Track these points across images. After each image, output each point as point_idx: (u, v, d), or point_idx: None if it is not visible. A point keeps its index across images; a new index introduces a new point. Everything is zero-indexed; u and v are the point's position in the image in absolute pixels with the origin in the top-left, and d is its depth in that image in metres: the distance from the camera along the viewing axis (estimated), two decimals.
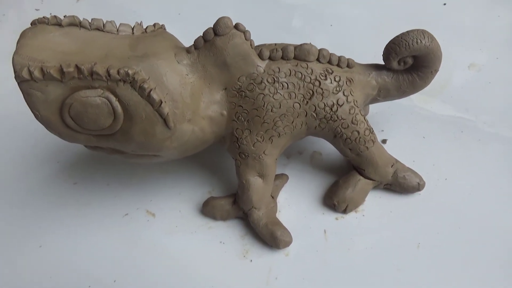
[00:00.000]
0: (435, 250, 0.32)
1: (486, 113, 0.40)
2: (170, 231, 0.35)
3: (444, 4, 0.53)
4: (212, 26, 0.28)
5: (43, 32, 0.27)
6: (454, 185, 0.35)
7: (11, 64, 0.25)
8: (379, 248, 0.32)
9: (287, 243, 0.32)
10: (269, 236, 0.32)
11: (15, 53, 0.25)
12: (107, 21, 0.28)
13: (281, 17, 0.55)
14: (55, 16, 0.27)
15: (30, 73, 0.25)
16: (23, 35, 0.26)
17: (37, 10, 0.60)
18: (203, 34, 0.28)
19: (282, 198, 0.36)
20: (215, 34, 0.28)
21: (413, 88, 0.34)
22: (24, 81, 0.25)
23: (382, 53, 0.32)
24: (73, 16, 0.27)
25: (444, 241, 0.32)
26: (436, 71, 0.33)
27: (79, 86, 0.26)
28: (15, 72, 0.25)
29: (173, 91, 0.27)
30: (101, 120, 0.27)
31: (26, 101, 0.26)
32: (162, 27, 0.31)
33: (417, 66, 0.32)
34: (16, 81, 0.25)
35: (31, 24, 0.27)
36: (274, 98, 0.30)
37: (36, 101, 0.26)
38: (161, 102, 0.27)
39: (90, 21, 0.28)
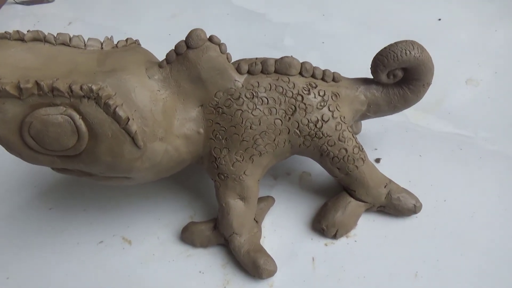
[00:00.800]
0: (435, 280, 0.29)
1: (486, 130, 0.38)
2: (147, 260, 0.32)
3: (439, 19, 0.52)
4: (184, 39, 0.27)
5: (4, 47, 0.25)
6: (454, 207, 0.32)
7: None
8: (373, 278, 0.29)
9: (271, 272, 0.29)
10: (251, 265, 0.29)
11: None
12: (73, 36, 0.27)
13: (273, 35, 0.53)
14: (17, 31, 0.26)
15: None
16: None
17: None
18: (175, 47, 0.27)
19: (268, 222, 0.33)
20: (188, 47, 0.26)
21: (405, 102, 0.31)
22: None
23: (370, 66, 0.30)
24: (37, 31, 0.26)
25: (445, 269, 0.29)
26: (429, 84, 0.31)
27: (40, 104, 0.24)
28: None
29: (142, 108, 0.26)
30: (64, 140, 0.25)
31: None
32: (136, 42, 0.29)
33: (407, 79, 0.30)
34: None
35: None
36: (253, 114, 0.28)
37: None
38: (128, 119, 0.25)
39: (55, 36, 0.26)
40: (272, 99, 0.28)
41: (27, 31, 0.26)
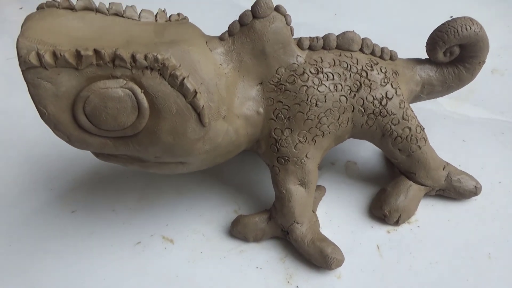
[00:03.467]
0: (510, 260, 0.27)
1: None
2: (194, 258, 0.29)
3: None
4: (249, 8, 0.25)
5: (54, 15, 0.22)
6: (511, 188, 0.32)
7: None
8: (446, 262, 0.28)
9: (340, 262, 0.27)
10: (318, 255, 0.27)
11: (20, 35, 0.21)
12: (127, 6, 0.24)
13: None
14: None
15: (40, 57, 0.20)
16: (29, 18, 0.22)
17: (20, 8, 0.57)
18: (239, 18, 0.25)
19: (321, 212, 0.31)
20: (254, 16, 0.25)
21: (459, 81, 0.31)
22: (31, 68, 0.21)
23: (426, 44, 0.30)
24: None
25: None
26: (484, 62, 0.30)
27: (98, 76, 0.21)
28: (19, 57, 0.20)
29: (208, 81, 0.23)
30: (123, 117, 0.22)
31: (31, 95, 0.21)
32: (186, 18, 0.27)
33: (463, 57, 0.30)
34: (21, 68, 0.21)
35: (37, 8, 0.23)
36: (318, 91, 0.26)
37: (44, 94, 0.21)
38: (196, 92, 0.22)
39: (108, 6, 0.24)
40: (337, 74, 0.27)
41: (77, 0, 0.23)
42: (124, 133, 0.23)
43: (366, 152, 0.35)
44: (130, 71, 0.22)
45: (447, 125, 0.38)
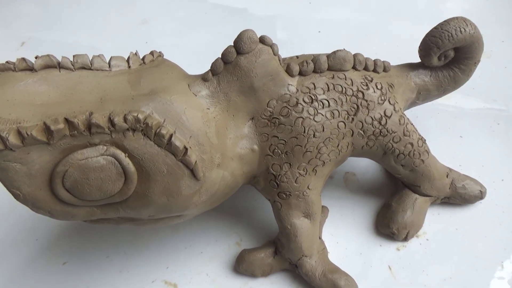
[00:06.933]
0: None
1: None
2: None
3: None
4: (232, 44, 0.22)
5: (11, 81, 0.20)
6: None
7: None
8: (460, 277, 0.27)
9: None
10: None
11: None
12: (94, 56, 0.22)
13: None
14: (23, 59, 0.20)
15: (3, 140, 0.18)
16: None
17: None
18: (222, 55, 0.23)
19: (327, 234, 0.30)
20: (238, 52, 0.22)
21: (455, 84, 0.30)
22: None
23: (419, 50, 0.28)
24: (48, 56, 0.21)
25: None
26: (479, 61, 0.29)
27: (73, 146, 0.19)
28: None
29: (197, 132, 0.21)
30: (108, 186, 0.20)
31: (0, 179, 0.19)
32: (161, 54, 0.25)
33: (458, 58, 0.28)
34: None
35: None
36: (315, 121, 0.24)
37: (15, 177, 0.19)
38: (186, 148, 0.20)
39: (72, 60, 0.21)
40: (333, 100, 0.25)
41: (36, 57, 0.20)
42: (112, 200, 0.21)
43: (363, 161, 0.34)
44: (110, 135, 0.19)
45: (441, 120, 0.36)
